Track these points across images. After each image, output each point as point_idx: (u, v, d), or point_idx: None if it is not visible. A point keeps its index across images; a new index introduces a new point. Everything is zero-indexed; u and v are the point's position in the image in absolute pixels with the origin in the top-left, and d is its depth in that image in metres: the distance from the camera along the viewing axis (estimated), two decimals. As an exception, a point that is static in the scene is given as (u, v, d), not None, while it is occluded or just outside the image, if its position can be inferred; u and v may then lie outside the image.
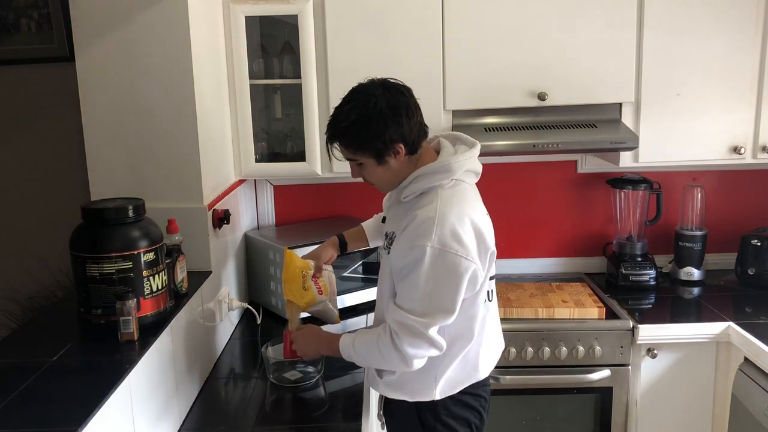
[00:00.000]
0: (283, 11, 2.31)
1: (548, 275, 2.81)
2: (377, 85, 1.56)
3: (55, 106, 2.83)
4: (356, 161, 1.61)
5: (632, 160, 2.44)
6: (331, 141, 1.60)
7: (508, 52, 2.33)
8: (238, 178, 2.43)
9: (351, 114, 1.54)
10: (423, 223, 1.51)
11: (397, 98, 1.54)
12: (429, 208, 1.53)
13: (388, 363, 1.60)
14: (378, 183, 1.65)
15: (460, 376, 1.66)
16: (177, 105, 1.90)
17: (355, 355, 1.65)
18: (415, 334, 1.52)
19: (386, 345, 1.56)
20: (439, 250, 1.49)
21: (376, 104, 1.52)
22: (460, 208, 1.54)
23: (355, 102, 1.55)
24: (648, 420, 2.36)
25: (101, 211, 1.54)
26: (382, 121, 1.52)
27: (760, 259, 2.57)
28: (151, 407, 1.51)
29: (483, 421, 1.75)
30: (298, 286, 1.84)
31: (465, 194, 1.60)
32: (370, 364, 1.69)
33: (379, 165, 1.58)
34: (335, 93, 2.29)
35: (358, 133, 1.54)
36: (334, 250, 1.95)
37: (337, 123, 1.57)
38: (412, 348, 1.53)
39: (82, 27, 1.87)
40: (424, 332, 1.52)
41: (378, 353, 1.59)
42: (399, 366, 1.59)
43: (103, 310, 1.52)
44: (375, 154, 1.56)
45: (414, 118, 1.56)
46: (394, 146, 1.55)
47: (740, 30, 2.33)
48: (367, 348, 1.62)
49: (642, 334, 2.27)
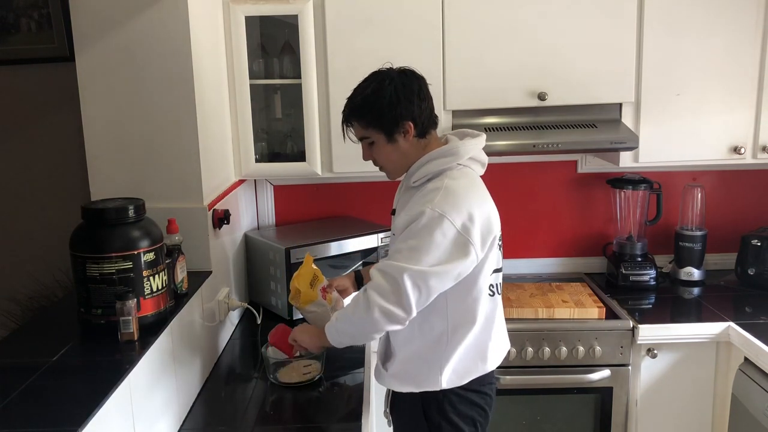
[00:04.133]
0: (283, 11, 2.31)
1: (548, 275, 2.82)
2: (394, 70, 1.66)
3: (55, 106, 2.83)
4: (368, 139, 1.67)
5: (632, 160, 2.44)
6: (346, 119, 1.68)
7: (508, 52, 2.34)
8: (238, 178, 2.43)
9: (366, 89, 1.63)
10: (429, 192, 1.58)
11: (411, 81, 1.64)
12: (437, 182, 1.60)
13: (355, 322, 1.61)
14: (386, 164, 1.71)
15: (466, 366, 1.66)
16: (177, 105, 1.90)
17: (336, 331, 1.66)
18: (385, 278, 1.52)
19: (357, 302, 1.58)
20: (438, 214, 1.53)
21: (392, 82, 1.61)
22: (467, 188, 1.61)
23: (372, 80, 1.65)
24: (648, 420, 2.36)
25: (101, 211, 1.54)
26: (395, 96, 1.60)
27: (760, 259, 2.57)
28: (151, 407, 1.51)
29: (488, 419, 1.75)
30: (306, 281, 1.91)
31: (473, 178, 1.67)
32: (346, 332, 1.67)
33: (388, 143, 1.65)
34: (335, 93, 2.30)
35: (371, 106, 1.62)
36: (350, 284, 2.01)
37: (353, 99, 1.66)
38: (378, 295, 1.53)
39: (82, 27, 1.87)
40: (396, 278, 1.51)
41: (351, 314, 1.61)
42: (364, 318, 1.56)
43: (103, 310, 1.52)
44: (385, 130, 1.63)
45: (425, 102, 1.65)
46: (404, 124, 1.62)
47: (740, 30, 2.33)
48: (343, 315, 1.65)
49: (642, 334, 2.27)
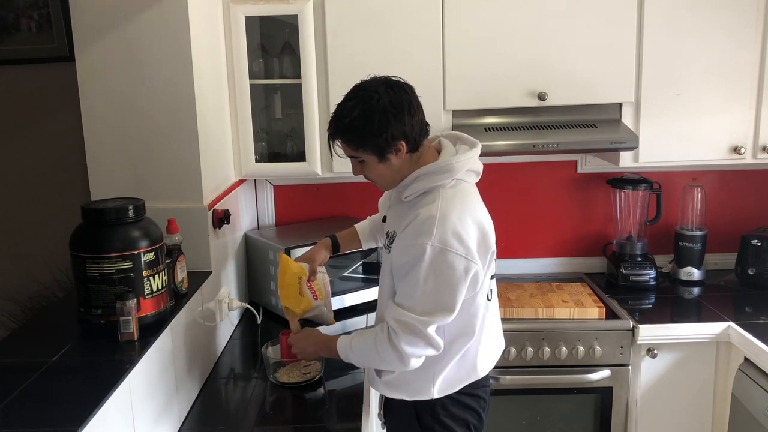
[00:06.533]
0: (283, 11, 2.31)
1: (548, 275, 2.81)
2: (380, 82, 1.56)
3: (55, 106, 2.83)
4: (358, 158, 1.60)
5: (632, 160, 2.44)
6: (333, 138, 1.60)
7: (509, 51, 2.33)
8: (238, 178, 2.43)
9: (353, 111, 1.53)
10: (424, 222, 1.52)
11: (399, 96, 1.54)
12: (431, 207, 1.54)
13: (385, 362, 1.60)
14: (379, 180, 1.65)
15: (458, 375, 1.66)
16: (177, 105, 1.90)
17: (352, 355, 1.66)
18: (413, 332, 1.52)
19: (383, 344, 1.56)
20: (440, 248, 1.49)
21: (379, 101, 1.52)
22: (462, 208, 1.55)
23: (358, 99, 1.54)
24: (648, 420, 2.35)
25: (101, 211, 1.54)
26: (384, 118, 1.51)
27: (760, 259, 2.57)
28: (151, 407, 1.51)
29: (482, 422, 1.75)
30: (294, 292, 1.86)
31: (466, 194, 1.61)
32: (368, 364, 1.69)
33: (380, 162, 1.58)
34: (335, 93, 2.30)
35: (360, 129, 1.53)
36: (326, 252, 1.95)
37: (340, 120, 1.56)
38: (410, 346, 1.53)
39: (82, 27, 1.87)
40: (423, 330, 1.52)
41: (375, 353, 1.59)
42: (396, 365, 1.59)
43: (103, 310, 1.52)
44: (377, 152, 1.56)
45: (416, 116, 1.56)
46: (396, 144, 1.54)
47: (740, 30, 2.33)
48: (364, 348, 1.63)
49: (642, 334, 2.27)
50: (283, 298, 1.87)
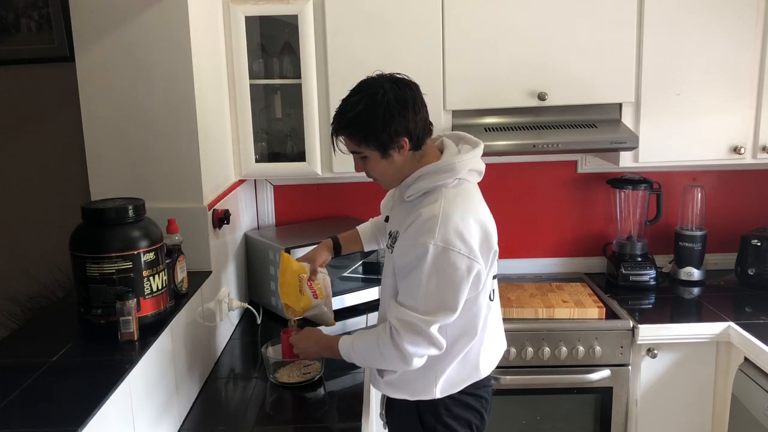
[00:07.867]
0: (283, 11, 2.31)
1: (548, 275, 2.82)
2: (385, 78, 1.56)
3: (55, 106, 2.83)
4: (360, 154, 1.60)
5: (632, 160, 2.44)
6: (336, 132, 1.60)
7: (508, 52, 2.33)
8: (238, 178, 2.43)
9: (358, 105, 1.53)
10: (427, 222, 1.52)
11: (404, 92, 1.54)
12: (433, 206, 1.54)
13: (387, 362, 1.60)
14: (381, 178, 1.65)
15: (460, 375, 1.66)
16: (177, 105, 1.90)
17: (354, 355, 1.66)
18: (415, 332, 1.52)
19: (386, 343, 1.56)
20: (442, 248, 1.49)
21: (384, 96, 1.52)
22: (464, 207, 1.55)
23: (363, 93, 1.55)
24: (648, 420, 2.35)
25: (101, 211, 1.54)
26: (388, 114, 1.51)
27: (760, 259, 2.57)
28: (151, 407, 1.51)
29: (484, 421, 1.75)
30: (294, 290, 1.86)
31: (469, 193, 1.61)
32: (370, 364, 1.69)
33: (383, 159, 1.58)
34: (335, 93, 2.30)
35: (364, 124, 1.53)
36: (328, 253, 1.95)
37: (344, 113, 1.56)
38: (412, 346, 1.53)
39: (82, 27, 1.87)
40: (425, 330, 1.52)
41: (378, 352, 1.59)
42: (398, 365, 1.59)
43: (103, 310, 1.52)
44: (379, 147, 1.56)
45: (420, 114, 1.56)
46: (399, 140, 1.54)
47: (740, 30, 2.33)
48: (366, 347, 1.63)
49: (642, 334, 2.27)
50: (283, 295, 1.88)
